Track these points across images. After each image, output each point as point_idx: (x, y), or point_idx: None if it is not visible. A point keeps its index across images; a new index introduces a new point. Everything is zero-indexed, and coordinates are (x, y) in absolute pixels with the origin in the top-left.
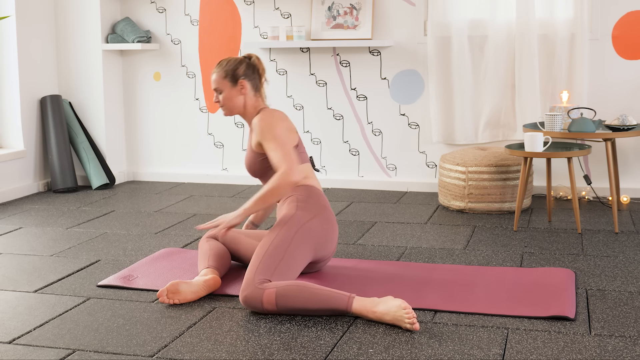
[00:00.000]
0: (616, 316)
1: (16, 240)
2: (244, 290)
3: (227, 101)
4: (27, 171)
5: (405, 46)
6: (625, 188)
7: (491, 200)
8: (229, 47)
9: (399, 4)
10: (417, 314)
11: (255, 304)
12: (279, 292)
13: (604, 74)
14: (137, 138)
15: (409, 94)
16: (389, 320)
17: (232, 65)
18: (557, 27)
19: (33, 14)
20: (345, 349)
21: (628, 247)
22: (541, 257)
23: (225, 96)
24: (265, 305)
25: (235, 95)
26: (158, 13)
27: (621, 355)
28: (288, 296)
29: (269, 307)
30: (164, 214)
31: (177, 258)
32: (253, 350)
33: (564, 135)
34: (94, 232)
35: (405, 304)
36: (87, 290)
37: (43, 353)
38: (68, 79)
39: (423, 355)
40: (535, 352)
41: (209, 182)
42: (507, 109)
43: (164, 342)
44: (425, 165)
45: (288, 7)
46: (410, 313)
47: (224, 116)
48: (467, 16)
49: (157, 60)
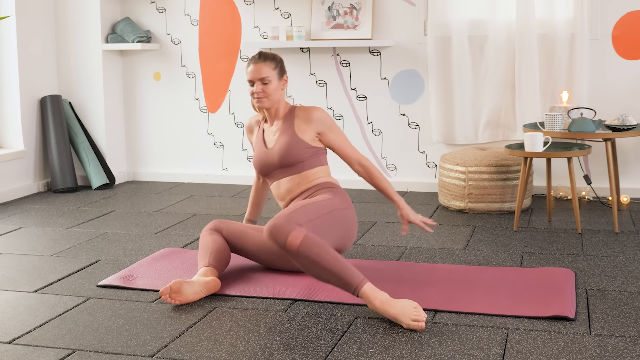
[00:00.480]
0: (616, 316)
1: (16, 240)
2: (276, 219)
3: (273, 92)
4: (27, 171)
5: (405, 46)
6: (625, 188)
7: (491, 200)
8: (229, 47)
9: (399, 4)
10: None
11: (279, 237)
12: (308, 237)
13: (604, 74)
14: (137, 138)
15: (409, 94)
16: (393, 314)
17: (279, 58)
18: (557, 27)
19: (33, 13)
20: (345, 349)
21: (628, 247)
22: (541, 257)
23: (273, 87)
24: (289, 241)
25: (278, 88)
26: (158, 13)
27: (621, 355)
28: (313, 246)
29: (291, 246)
30: (164, 214)
31: (177, 258)
32: (253, 350)
33: (564, 135)
34: (94, 232)
35: (416, 304)
36: (87, 290)
37: (43, 353)
38: (68, 79)
39: (423, 355)
40: (535, 352)
41: (209, 182)
42: (507, 109)
43: (164, 342)
44: (425, 165)
45: (288, 7)
46: (419, 311)
47: (259, 108)
48: (467, 16)
49: (157, 60)
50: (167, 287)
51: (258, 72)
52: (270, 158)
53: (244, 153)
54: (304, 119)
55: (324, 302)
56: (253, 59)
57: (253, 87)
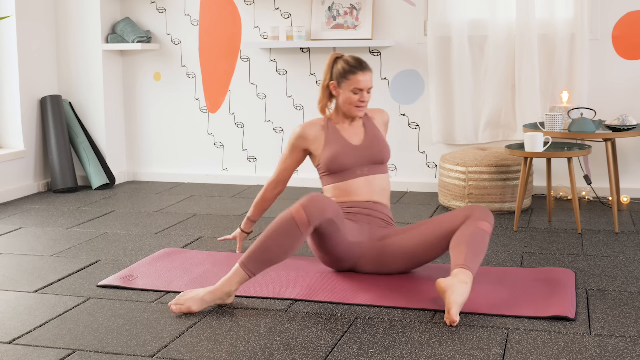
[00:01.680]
0: (616, 316)
1: (16, 240)
2: (480, 209)
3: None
4: (27, 171)
5: (405, 46)
6: (625, 188)
7: (491, 200)
8: (229, 47)
9: (399, 4)
10: (417, 314)
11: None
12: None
13: (604, 74)
14: (137, 138)
15: (409, 94)
16: (442, 287)
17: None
18: (557, 27)
19: (33, 14)
20: (345, 349)
21: (628, 247)
22: (541, 257)
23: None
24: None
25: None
26: (158, 13)
27: (621, 355)
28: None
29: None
30: (164, 214)
31: (177, 258)
32: (253, 350)
33: (564, 135)
34: (94, 232)
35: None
36: (87, 290)
37: (43, 353)
38: (68, 79)
39: (423, 355)
40: (535, 352)
41: (209, 182)
42: (507, 109)
43: (164, 342)
44: (425, 165)
45: (288, 7)
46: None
47: (359, 117)
48: (467, 16)
49: (157, 60)
50: (178, 307)
51: (369, 82)
52: (364, 153)
53: (243, 153)
54: (380, 121)
55: (324, 302)
56: (360, 67)
57: (357, 95)
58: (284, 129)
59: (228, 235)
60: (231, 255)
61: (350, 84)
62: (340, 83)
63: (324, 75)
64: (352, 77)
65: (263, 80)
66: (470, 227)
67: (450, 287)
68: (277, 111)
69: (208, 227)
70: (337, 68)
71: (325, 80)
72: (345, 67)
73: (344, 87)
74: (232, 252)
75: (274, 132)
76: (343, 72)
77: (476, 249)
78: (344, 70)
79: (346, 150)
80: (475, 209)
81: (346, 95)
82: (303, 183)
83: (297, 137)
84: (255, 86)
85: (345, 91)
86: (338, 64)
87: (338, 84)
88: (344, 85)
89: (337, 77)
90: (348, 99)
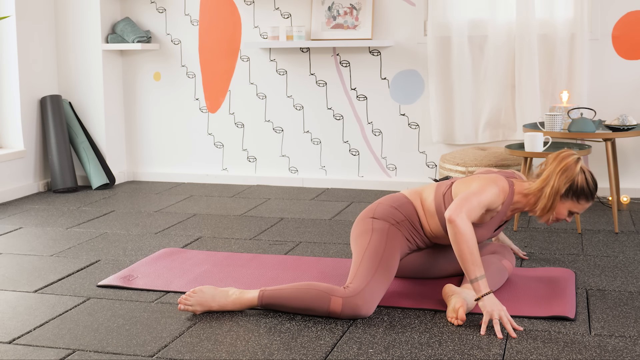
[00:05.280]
0: (616, 316)
1: (16, 240)
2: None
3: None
4: (27, 171)
5: (405, 46)
6: (625, 188)
7: None
8: (229, 47)
9: (399, 4)
10: (417, 314)
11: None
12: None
13: (604, 74)
14: (137, 138)
15: (409, 94)
16: (452, 290)
17: None
18: (557, 27)
19: (33, 14)
20: (345, 349)
21: (628, 247)
22: (541, 257)
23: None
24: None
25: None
26: (158, 13)
27: (621, 355)
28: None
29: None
30: (164, 214)
31: (177, 258)
32: (253, 350)
33: (564, 135)
34: (94, 232)
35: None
36: (87, 290)
37: (43, 353)
38: (68, 79)
39: (423, 355)
40: (535, 352)
41: (209, 182)
42: (507, 109)
43: (164, 342)
44: (425, 165)
45: (288, 7)
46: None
47: (544, 222)
48: (467, 16)
49: (157, 60)
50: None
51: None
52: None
53: (243, 153)
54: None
55: None
56: (592, 198)
57: (568, 216)
58: (284, 129)
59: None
60: (231, 255)
61: (574, 207)
62: (567, 198)
63: (559, 178)
64: (584, 203)
65: (263, 80)
66: (494, 260)
67: (459, 291)
68: (277, 111)
69: (208, 227)
70: (577, 183)
71: (559, 188)
72: (586, 190)
73: (566, 203)
74: (232, 252)
75: (274, 132)
76: (581, 193)
77: (495, 279)
78: (583, 192)
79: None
80: (504, 248)
81: (560, 210)
82: (303, 183)
83: (497, 195)
84: (255, 86)
85: (563, 206)
86: (579, 178)
87: (565, 196)
88: (568, 202)
89: (568, 191)
90: (559, 213)
